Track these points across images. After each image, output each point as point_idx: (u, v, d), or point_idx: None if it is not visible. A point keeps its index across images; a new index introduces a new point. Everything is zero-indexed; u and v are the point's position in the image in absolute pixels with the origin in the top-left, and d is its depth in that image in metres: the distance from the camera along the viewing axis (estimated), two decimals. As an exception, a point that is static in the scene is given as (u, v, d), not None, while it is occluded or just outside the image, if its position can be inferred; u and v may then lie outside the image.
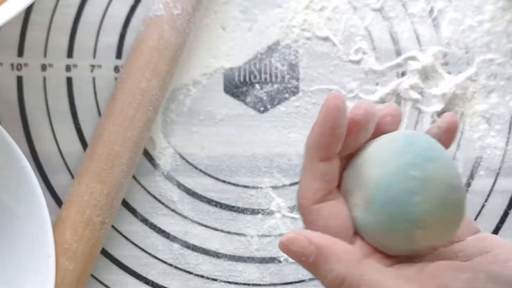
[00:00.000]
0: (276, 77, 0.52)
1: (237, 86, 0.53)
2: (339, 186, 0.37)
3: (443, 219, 0.35)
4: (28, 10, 0.52)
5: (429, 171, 0.34)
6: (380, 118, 0.37)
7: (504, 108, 0.53)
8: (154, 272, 0.51)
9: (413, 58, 0.53)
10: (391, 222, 0.34)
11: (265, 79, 0.53)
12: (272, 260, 0.51)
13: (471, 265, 0.34)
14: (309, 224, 0.36)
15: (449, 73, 0.53)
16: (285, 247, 0.34)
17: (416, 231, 0.34)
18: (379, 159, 0.35)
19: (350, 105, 0.52)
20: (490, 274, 0.33)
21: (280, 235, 0.51)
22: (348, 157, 0.37)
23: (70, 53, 0.52)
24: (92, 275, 0.50)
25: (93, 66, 0.52)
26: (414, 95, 0.53)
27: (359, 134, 0.36)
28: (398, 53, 0.53)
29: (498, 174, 0.53)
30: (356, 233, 0.36)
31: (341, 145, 0.36)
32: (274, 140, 0.52)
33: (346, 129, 0.36)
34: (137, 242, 0.51)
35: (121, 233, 0.51)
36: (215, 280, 0.51)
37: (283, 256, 0.51)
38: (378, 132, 0.37)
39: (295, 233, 0.34)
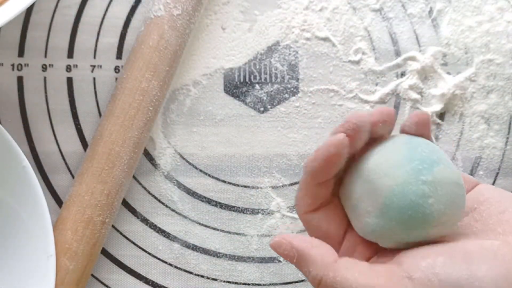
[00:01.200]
0: (276, 77, 0.53)
1: (237, 86, 0.53)
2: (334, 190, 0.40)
3: (453, 214, 0.37)
4: (29, 11, 0.52)
5: (437, 174, 0.37)
6: (372, 125, 0.39)
7: (503, 108, 0.53)
8: (154, 272, 0.51)
9: (412, 58, 0.53)
10: (408, 225, 0.36)
11: (265, 79, 0.53)
12: (272, 260, 0.51)
13: (434, 251, 0.36)
14: (305, 226, 0.40)
15: (448, 73, 0.53)
16: (273, 248, 0.38)
17: (432, 230, 0.36)
18: (388, 168, 0.37)
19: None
20: (448, 259, 0.35)
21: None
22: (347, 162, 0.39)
23: (70, 54, 0.52)
24: (93, 275, 0.50)
25: (93, 67, 0.52)
26: (414, 95, 0.53)
27: (354, 144, 0.38)
28: (398, 53, 0.53)
29: (497, 174, 0.53)
30: (346, 231, 0.39)
31: (337, 170, 0.38)
32: (274, 140, 0.52)
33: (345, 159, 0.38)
34: (137, 242, 0.51)
35: (121, 233, 0.51)
36: (215, 280, 0.51)
37: (283, 256, 0.51)
38: (373, 135, 0.39)
39: (280, 237, 0.37)
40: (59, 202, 0.51)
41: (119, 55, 0.52)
